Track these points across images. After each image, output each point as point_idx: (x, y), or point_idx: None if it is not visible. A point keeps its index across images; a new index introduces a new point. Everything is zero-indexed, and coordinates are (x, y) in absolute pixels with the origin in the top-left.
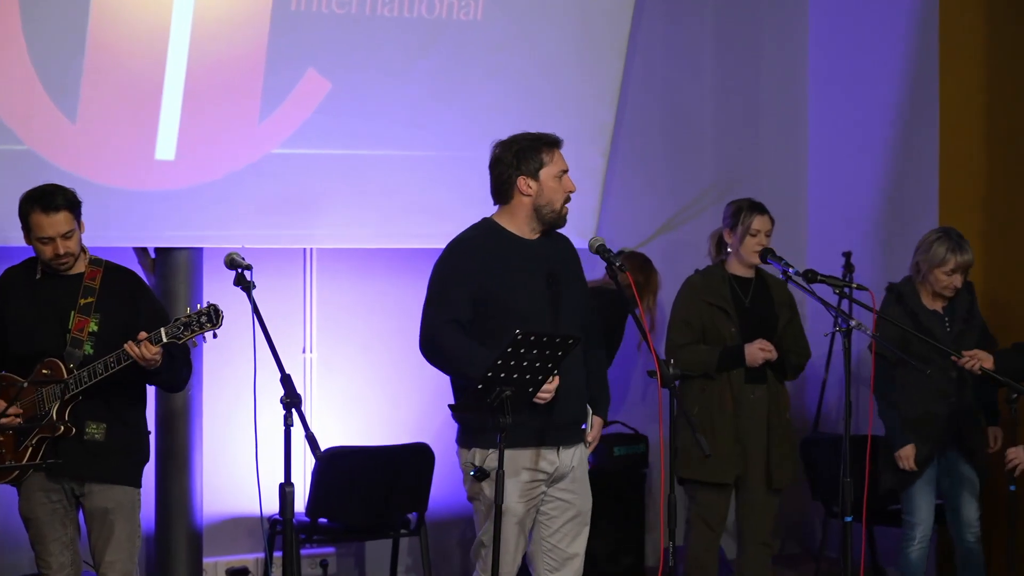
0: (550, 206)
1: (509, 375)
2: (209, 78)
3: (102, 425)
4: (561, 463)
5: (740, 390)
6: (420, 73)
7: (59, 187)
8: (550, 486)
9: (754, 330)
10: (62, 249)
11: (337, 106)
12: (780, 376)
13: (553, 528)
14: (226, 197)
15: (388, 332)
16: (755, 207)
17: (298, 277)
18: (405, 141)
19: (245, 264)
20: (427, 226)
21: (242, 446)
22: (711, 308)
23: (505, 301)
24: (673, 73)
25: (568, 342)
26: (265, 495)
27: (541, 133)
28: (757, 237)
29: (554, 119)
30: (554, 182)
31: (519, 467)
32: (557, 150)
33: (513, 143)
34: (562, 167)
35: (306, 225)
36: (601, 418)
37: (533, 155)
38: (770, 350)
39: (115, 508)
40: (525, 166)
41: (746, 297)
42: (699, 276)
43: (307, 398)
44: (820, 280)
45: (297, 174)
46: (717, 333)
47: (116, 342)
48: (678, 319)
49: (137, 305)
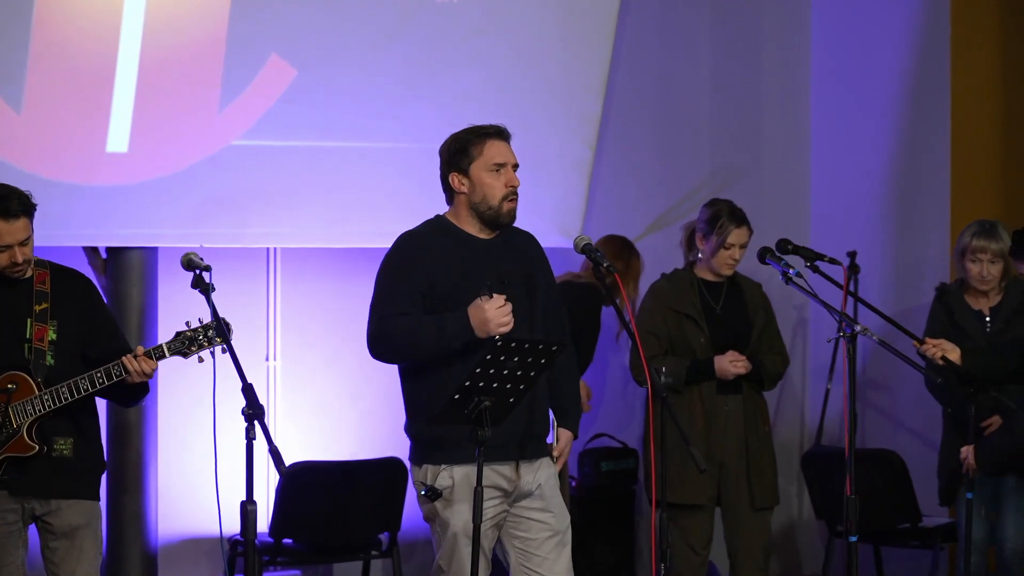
0: (485, 203)
1: (488, 384)
2: (165, 64)
3: (69, 440)
4: (522, 480)
5: (712, 402)
6: (392, 59)
7: (12, 189)
8: (513, 505)
9: (726, 339)
10: (20, 257)
11: (302, 94)
12: (756, 386)
13: (532, 552)
14: (183, 192)
15: (358, 339)
16: (734, 217)
17: (261, 279)
18: (376, 132)
19: (203, 265)
20: (400, 224)
21: (200, 461)
22: (679, 316)
23: (453, 303)
24: (666, 59)
25: (552, 349)
26: (225, 514)
27: (480, 125)
28: (731, 251)
29: (536, 108)
30: (489, 176)
31: (470, 484)
32: (495, 141)
33: (449, 140)
34: (496, 160)
35: (269, 223)
36: (569, 430)
37: (464, 150)
38: (742, 362)
39: (84, 524)
40: (456, 162)
41: (717, 303)
42: (665, 282)
43: (270, 409)
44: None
45: (260, 167)
46: (686, 344)
47: (74, 351)
48: (643, 330)
49: (92, 312)
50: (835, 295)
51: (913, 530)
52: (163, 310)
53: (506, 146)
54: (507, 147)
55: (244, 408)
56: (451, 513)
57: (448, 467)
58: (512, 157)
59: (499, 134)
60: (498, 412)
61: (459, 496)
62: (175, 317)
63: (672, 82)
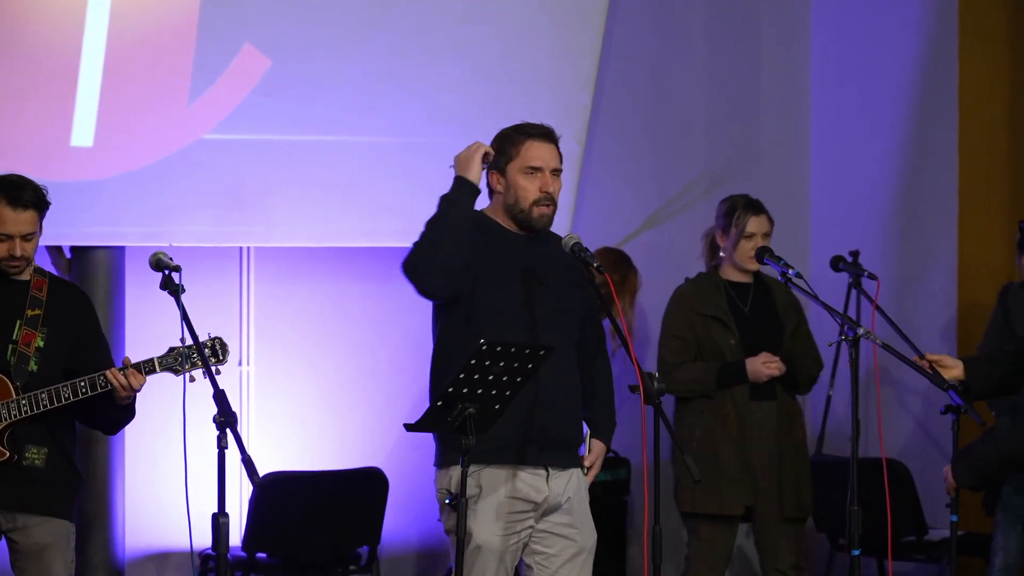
0: (517, 205)
1: (472, 390)
2: (132, 53)
3: (43, 450)
4: (551, 491)
5: (745, 408)
6: (372, 49)
7: (29, 181)
8: (540, 520)
9: (757, 341)
10: (19, 251)
11: (277, 86)
12: (791, 390)
13: (552, 569)
14: (151, 189)
15: (335, 342)
16: (751, 206)
17: (233, 280)
18: (355, 126)
19: (173, 265)
20: (379, 222)
21: (170, 471)
22: (705, 319)
23: (483, 295)
24: (659, 51)
25: (539, 352)
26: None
27: (527, 123)
28: (752, 240)
29: (523, 101)
30: (523, 179)
31: (499, 491)
32: (535, 142)
33: (499, 133)
34: (533, 162)
35: (242, 221)
36: (603, 442)
37: (505, 146)
38: (776, 363)
39: (52, 544)
40: (497, 160)
41: (745, 304)
42: (690, 285)
43: (243, 417)
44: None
45: (232, 163)
46: (715, 347)
47: (59, 363)
48: (669, 335)
49: (85, 328)
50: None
51: (918, 543)
52: (130, 313)
53: (548, 148)
54: (549, 149)
55: (216, 415)
56: (475, 523)
57: (477, 469)
58: (553, 161)
59: (543, 135)
60: (483, 419)
61: (486, 507)
62: (143, 320)
63: (665, 75)
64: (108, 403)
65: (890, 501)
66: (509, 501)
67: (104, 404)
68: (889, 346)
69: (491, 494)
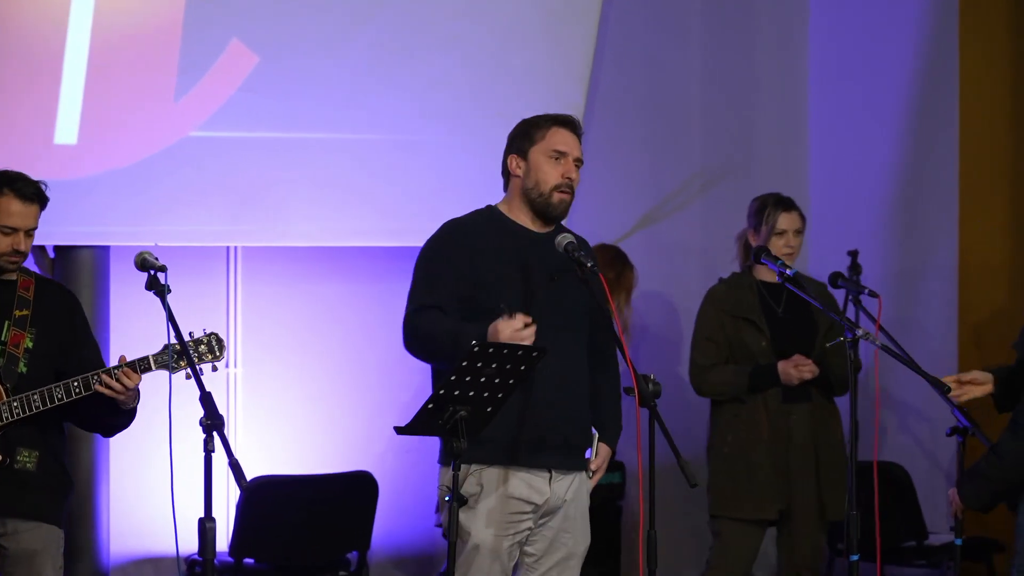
0: (537, 188)
1: (464, 392)
2: (117, 49)
3: (35, 453)
4: (552, 494)
5: (777, 412)
6: (362, 44)
7: (28, 176)
8: (538, 522)
9: (790, 343)
10: (23, 246)
11: (265, 82)
12: (826, 392)
13: (540, 571)
14: (136, 187)
15: (324, 344)
16: (781, 203)
17: (220, 280)
18: (344, 122)
19: (159, 265)
20: (369, 221)
21: (156, 475)
22: (737, 321)
23: (497, 295)
24: (655, 45)
25: (532, 354)
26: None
27: (552, 113)
28: (784, 237)
29: (515, 96)
30: (546, 162)
31: (500, 492)
32: (561, 129)
33: (518, 124)
34: (559, 147)
35: (229, 220)
36: (608, 445)
37: (529, 131)
38: (808, 366)
39: (42, 551)
40: (517, 144)
41: (779, 305)
42: (722, 286)
43: (231, 420)
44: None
45: (219, 160)
46: (746, 349)
47: (49, 364)
48: (700, 337)
49: (74, 328)
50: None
51: (919, 548)
52: (115, 314)
53: (573, 137)
54: (574, 139)
55: (202, 418)
56: (474, 523)
57: (479, 468)
58: (577, 150)
59: (569, 124)
60: (475, 422)
61: (486, 507)
62: (128, 321)
63: (661, 69)
64: (107, 407)
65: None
66: (509, 501)
67: (103, 408)
68: (889, 348)
69: (492, 494)
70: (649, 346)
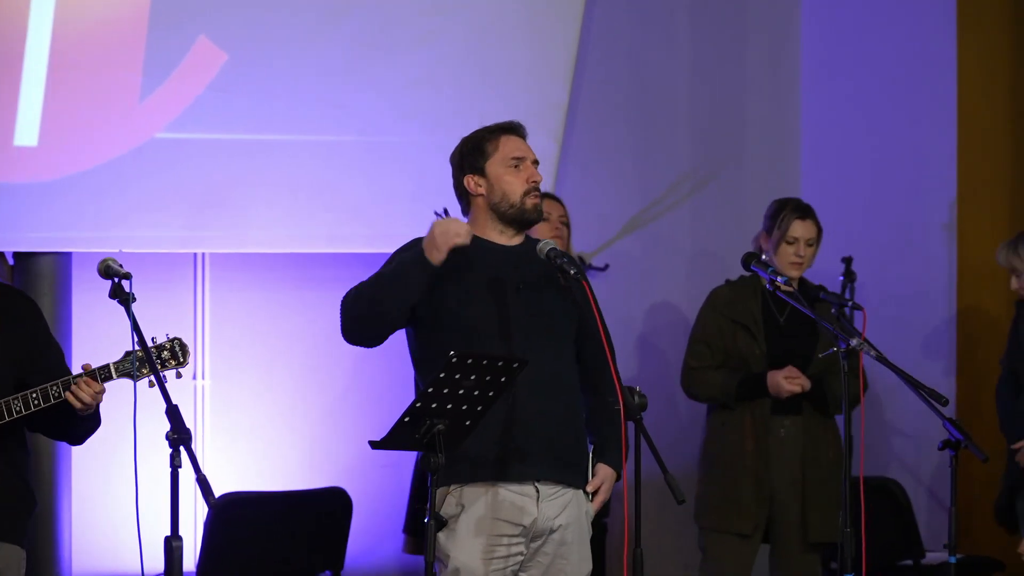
0: (506, 200)
1: (442, 405)
2: (79, 47)
3: None
4: (541, 514)
5: (765, 424)
6: (336, 41)
7: None
8: (530, 546)
9: (788, 353)
10: None
11: (234, 81)
12: (821, 409)
13: None
14: (100, 191)
15: (296, 355)
16: (798, 209)
17: (188, 288)
18: (317, 123)
19: (123, 272)
20: (343, 226)
21: (119, 491)
22: (734, 326)
23: (456, 315)
24: (641, 42)
25: (513, 365)
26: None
27: (494, 124)
28: (795, 246)
29: (496, 96)
30: (507, 172)
31: (481, 511)
32: (508, 136)
33: (460, 143)
34: (515, 154)
35: (197, 225)
36: (610, 467)
37: (477, 147)
38: (799, 379)
39: (3, 571)
40: (469, 163)
41: (781, 314)
42: (726, 288)
43: (198, 434)
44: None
45: (186, 163)
46: (740, 356)
47: (12, 373)
48: (695, 339)
49: (35, 336)
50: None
51: (916, 568)
52: (77, 323)
53: (523, 141)
54: (524, 142)
55: (168, 432)
56: (454, 546)
57: (458, 488)
58: (531, 152)
59: (514, 129)
60: (453, 436)
61: (466, 527)
62: (90, 331)
63: (647, 67)
64: (68, 416)
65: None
66: (492, 522)
67: (64, 417)
68: (884, 357)
69: (473, 514)
70: (636, 356)
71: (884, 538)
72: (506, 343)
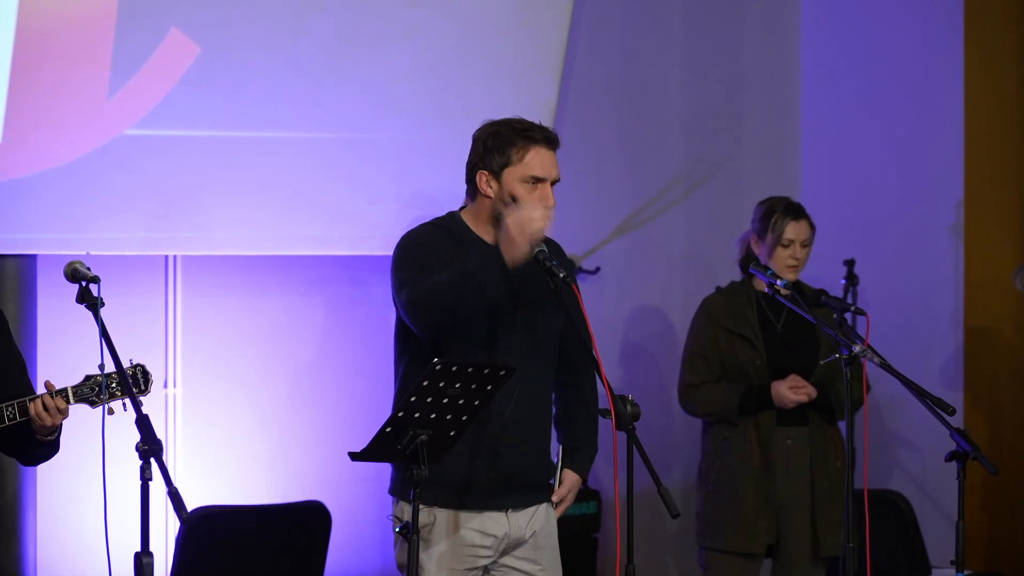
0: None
1: (425, 415)
2: (45, 40)
3: None
4: (512, 526)
5: (770, 436)
6: (313, 35)
7: None
8: (501, 555)
9: (789, 361)
10: None
11: (207, 75)
12: (827, 416)
13: None
14: (67, 191)
15: (272, 362)
16: (791, 210)
17: (159, 292)
18: (295, 120)
19: (91, 276)
20: (321, 228)
21: (87, 505)
22: (731, 336)
23: None
24: (633, 35)
25: (500, 373)
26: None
27: (528, 124)
28: (790, 248)
29: (481, 92)
30: (521, 188)
31: (452, 528)
32: (540, 148)
33: (491, 127)
34: (535, 172)
35: (169, 227)
36: (577, 473)
37: (502, 147)
38: (804, 388)
39: None
40: (489, 159)
41: (778, 320)
42: (718, 296)
43: (169, 445)
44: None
45: (157, 161)
46: (739, 368)
47: None
48: (692, 353)
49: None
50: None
51: None
52: (43, 330)
53: (551, 157)
54: (552, 158)
55: (138, 443)
56: (428, 557)
57: (428, 508)
58: (554, 171)
59: (548, 140)
60: (437, 447)
61: (439, 536)
62: (57, 338)
63: (640, 61)
64: (19, 434)
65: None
66: (467, 532)
67: (19, 437)
68: (888, 364)
69: (446, 526)
70: (628, 363)
71: (889, 553)
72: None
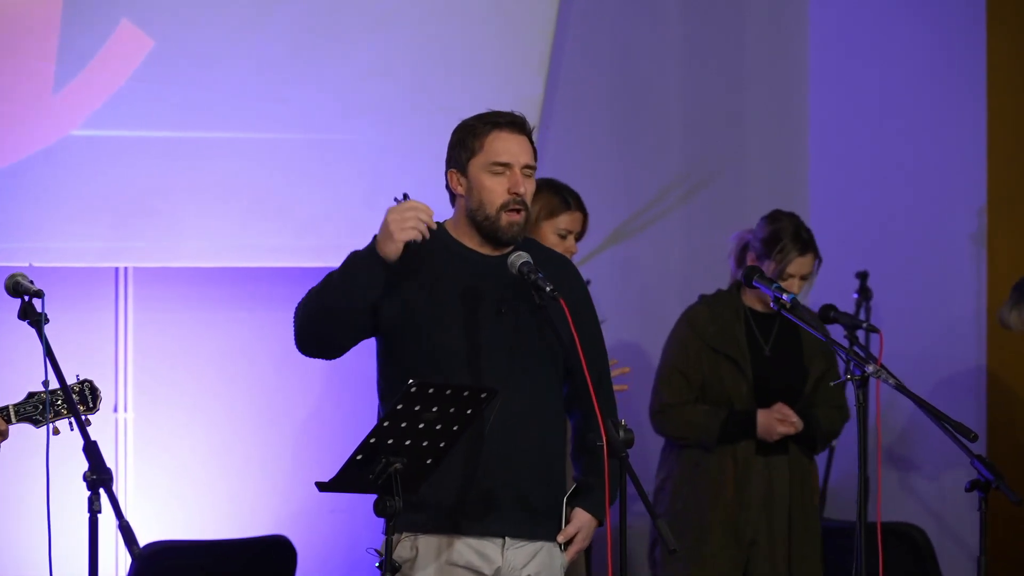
0: (481, 210)
1: (399, 441)
2: None
3: None
4: (506, 562)
5: (747, 466)
6: (277, 26)
7: None
8: None
9: (774, 388)
10: None
11: (162, 71)
12: (807, 448)
13: None
14: (8, 196)
15: (232, 384)
16: (799, 241)
17: (108, 307)
18: (256, 119)
19: (34, 290)
20: (285, 237)
21: (31, 538)
22: (717, 356)
23: (426, 331)
24: (627, 28)
25: (481, 395)
26: None
27: (492, 112)
28: (789, 283)
29: (461, 90)
30: (487, 178)
31: (438, 557)
32: (502, 133)
33: (461, 123)
34: (500, 157)
35: (119, 236)
36: (591, 514)
37: (465, 139)
38: (793, 422)
39: None
40: (455, 156)
41: (767, 342)
42: (705, 307)
43: (120, 474)
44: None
45: (107, 164)
46: (722, 391)
47: None
48: (671, 369)
49: None
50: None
51: None
52: None
53: (518, 141)
54: (519, 142)
55: (86, 472)
56: None
57: (411, 536)
58: (524, 156)
59: (512, 124)
60: (412, 477)
61: (421, 570)
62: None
63: (634, 57)
64: None
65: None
66: (451, 568)
67: None
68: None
69: (430, 563)
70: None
71: None
72: (475, 371)
